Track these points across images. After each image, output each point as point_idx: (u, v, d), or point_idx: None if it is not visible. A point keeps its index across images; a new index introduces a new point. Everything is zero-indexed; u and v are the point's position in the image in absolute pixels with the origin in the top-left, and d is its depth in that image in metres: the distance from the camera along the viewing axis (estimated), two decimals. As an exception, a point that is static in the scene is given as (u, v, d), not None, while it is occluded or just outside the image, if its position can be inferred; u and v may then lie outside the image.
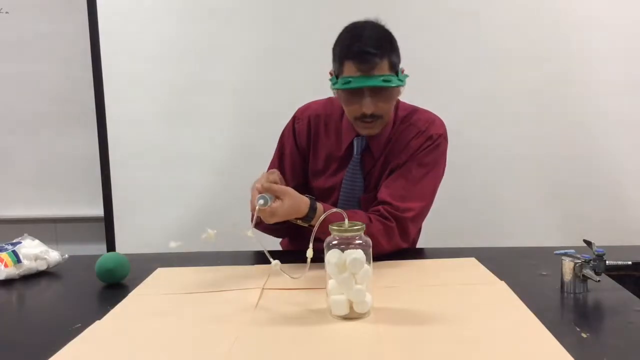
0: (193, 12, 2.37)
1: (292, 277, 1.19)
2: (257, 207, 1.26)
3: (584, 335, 0.98)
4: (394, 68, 1.42)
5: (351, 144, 1.56)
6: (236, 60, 2.37)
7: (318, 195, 1.59)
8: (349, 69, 1.39)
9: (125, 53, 2.38)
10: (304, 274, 1.14)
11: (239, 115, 2.39)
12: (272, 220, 1.33)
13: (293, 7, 2.35)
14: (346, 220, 1.07)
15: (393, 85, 1.41)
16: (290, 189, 1.35)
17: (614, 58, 2.29)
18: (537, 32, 2.30)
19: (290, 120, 1.68)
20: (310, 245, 1.12)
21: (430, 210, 1.57)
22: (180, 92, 2.39)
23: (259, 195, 1.29)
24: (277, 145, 1.69)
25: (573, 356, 0.87)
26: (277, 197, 1.32)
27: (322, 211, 1.38)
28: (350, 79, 1.39)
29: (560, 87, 2.32)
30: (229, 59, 2.37)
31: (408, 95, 1.62)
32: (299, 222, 1.40)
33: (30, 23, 2.55)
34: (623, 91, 2.31)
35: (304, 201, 1.36)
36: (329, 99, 1.63)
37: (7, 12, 2.54)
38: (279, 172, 1.44)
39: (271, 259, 1.19)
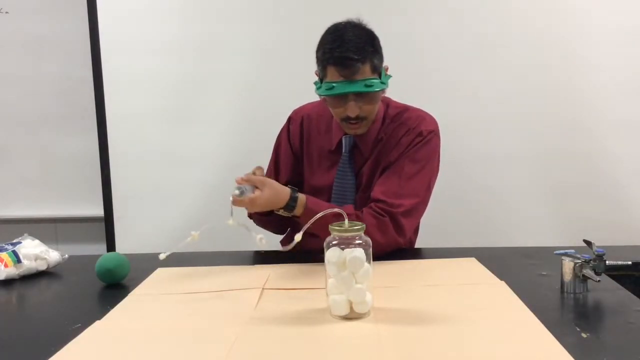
0: (193, 12, 2.37)
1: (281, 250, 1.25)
2: (231, 197, 1.31)
3: (584, 335, 0.98)
4: (377, 70, 1.43)
5: (340, 141, 1.58)
6: (236, 61, 2.37)
7: (313, 194, 1.60)
8: (332, 74, 1.41)
9: (125, 53, 2.38)
10: (289, 247, 1.17)
11: (239, 115, 2.39)
12: (253, 210, 1.39)
13: (294, 8, 2.34)
14: (346, 220, 1.07)
15: (376, 89, 1.43)
16: (269, 180, 1.39)
17: (614, 58, 2.29)
18: (537, 32, 2.29)
19: (285, 122, 1.71)
20: (302, 231, 1.15)
21: (431, 210, 1.57)
22: (180, 92, 2.39)
23: (237, 186, 1.33)
24: (274, 146, 1.72)
25: (573, 356, 0.87)
26: (256, 188, 1.35)
27: (304, 200, 1.41)
28: (333, 85, 1.41)
29: (560, 86, 2.31)
30: (230, 60, 2.37)
31: (407, 96, 1.62)
32: (282, 212, 1.42)
33: (30, 23, 2.54)
34: (623, 91, 2.31)
35: (285, 191, 1.39)
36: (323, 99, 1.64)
37: (7, 12, 2.54)
38: (263, 168, 1.46)
39: (255, 235, 1.25)
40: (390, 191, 1.47)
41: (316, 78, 1.50)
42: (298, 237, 1.16)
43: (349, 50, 1.38)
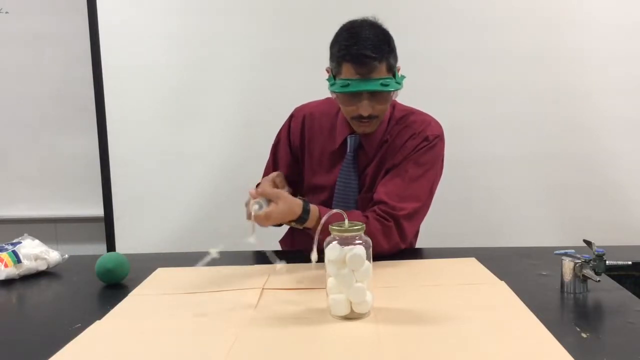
0: (193, 12, 2.37)
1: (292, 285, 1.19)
2: (252, 214, 1.28)
3: (584, 335, 0.98)
4: (392, 70, 1.43)
5: (345, 141, 1.57)
6: (237, 61, 2.37)
7: (314, 193, 1.59)
8: (347, 71, 1.40)
9: (125, 53, 2.38)
10: (305, 277, 1.14)
11: (239, 115, 2.39)
12: (267, 224, 1.35)
13: (294, 7, 2.34)
14: (346, 220, 1.07)
15: (391, 89, 1.42)
16: (283, 192, 1.37)
17: (614, 58, 2.29)
18: (538, 33, 2.29)
19: (287, 119, 1.70)
20: (315, 248, 1.11)
21: (431, 210, 1.57)
22: (181, 92, 2.39)
23: (254, 200, 1.31)
24: (273, 142, 1.71)
25: (573, 356, 0.87)
26: (271, 201, 1.33)
27: (317, 212, 1.39)
28: (348, 82, 1.40)
29: (560, 87, 2.31)
30: (230, 59, 2.37)
31: (409, 96, 1.62)
32: (293, 224, 1.41)
33: (30, 23, 2.54)
34: (623, 91, 2.31)
35: (297, 203, 1.37)
36: (327, 98, 1.63)
37: (7, 12, 2.54)
38: (283, 174, 1.45)
39: (277, 262, 1.22)
40: (393, 193, 1.47)
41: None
42: (314, 257, 1.11)
43: (366, 48, 1.37)
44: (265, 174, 1.64)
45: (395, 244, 1.45)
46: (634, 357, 0.90)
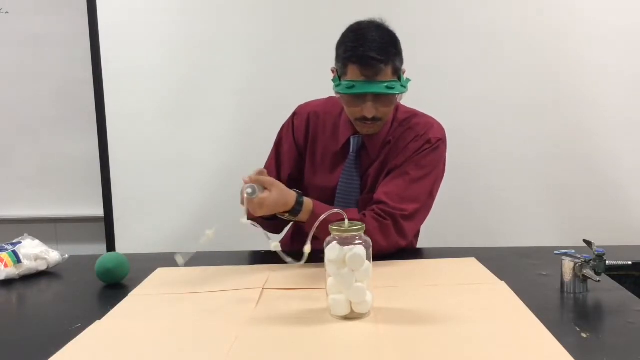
0: (193, 12, 2.37)
1: (291, 262, 1.19)
2: (245, 197, 1.27)
3: (584, 335, 0.98)
4: (397, 73, 1.43)
5: (348, 141, 1.57)
6: (237, 61, 2.37)
7: (316, 193, 1.59)
8: (353, 72, 1.40)
9: (125, 53, 2.38)
10: (302, 261, 1.14)
11: (239, 116, 2.39)
12: (260, 212, 1.33)
13: (294, 5, 2.34)
14: (346, 220, 1.07)
15: (396, 92, 1.42)
16: (277, 181, 1.36)
17: (614, 58, 2.29)
18: (538, 34, 2.30)
19: (289, 117, 1.69)
20: (308, 241, 1.12)
21: (431, 210, 1.57)
22: (181, 93, 2.39)
23: (247, 185, 1.30)
24: (275, 140, 1.69)
25: (573, 356, 0.87)
26: (265, 188, 1.32)
27: (310, 205, 1.40)
28: (354, 83, 1.40)
29: (560, 87, 2.31)
30: (230, 59, 2.37)
31: (411, 97, 1.62)
32: (287, 216, 1.41)
33: (30, 23, 2.54)
34: (623, 91, 2.31)
35: (291, 194, 1.37)
36: (329, 98, 1.63)
37: (7, 12, 2.54)
38: (266, 172, 1.45)
39: (270, 240, 1.21)
40: (393, 193, 1.47)
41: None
42: (307, 249, 1.13)
43: (372, 50, 1.37)
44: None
45: (393, 242, 1.45)
46: (634, 357, 0.90)
